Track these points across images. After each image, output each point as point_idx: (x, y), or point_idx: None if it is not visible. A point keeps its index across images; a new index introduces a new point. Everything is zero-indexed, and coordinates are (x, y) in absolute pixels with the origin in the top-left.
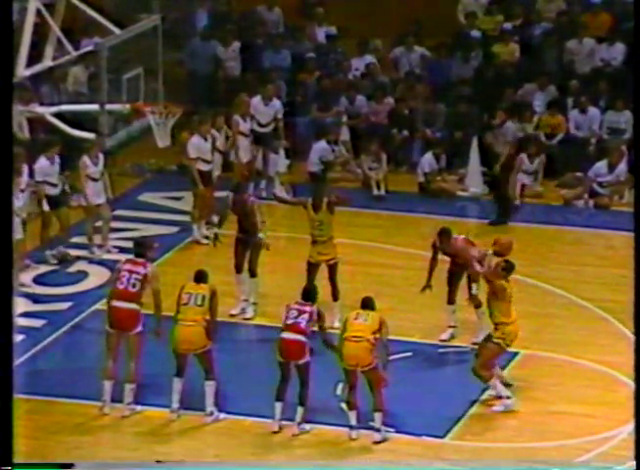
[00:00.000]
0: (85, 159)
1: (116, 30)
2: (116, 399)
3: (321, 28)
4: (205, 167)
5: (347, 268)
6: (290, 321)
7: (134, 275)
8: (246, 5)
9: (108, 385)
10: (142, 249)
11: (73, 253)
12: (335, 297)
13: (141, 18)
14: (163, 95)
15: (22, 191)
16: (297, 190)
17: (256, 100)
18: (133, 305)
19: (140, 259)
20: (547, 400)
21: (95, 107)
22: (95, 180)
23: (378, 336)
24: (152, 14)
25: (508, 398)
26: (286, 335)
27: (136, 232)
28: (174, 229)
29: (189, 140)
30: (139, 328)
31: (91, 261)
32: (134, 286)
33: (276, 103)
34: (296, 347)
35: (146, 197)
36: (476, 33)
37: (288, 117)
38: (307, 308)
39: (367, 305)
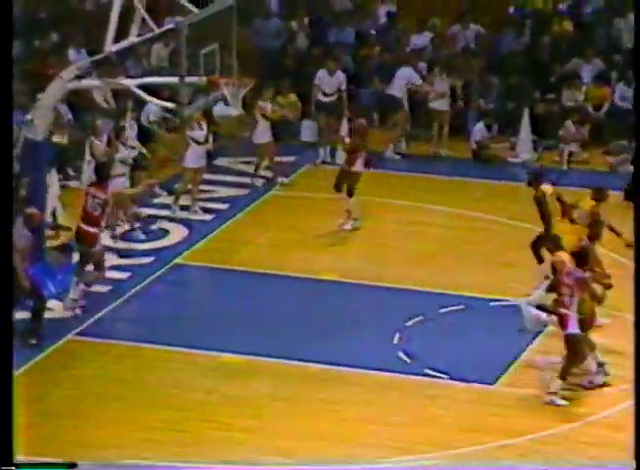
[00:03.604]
0: (192, 124)
1: (195, 10)
2: None
3: (383, 7)
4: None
5: (408, 229)
6: None
7: None
8: None
9: None
10: None
11: (155, 212)
12: None
13: None
14: (237, 68)
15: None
16: None
17: (322, 72)
18: None
19: None
20: None
21: (175, 79)
22: (199, 143)
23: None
24: None
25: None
26: None
27: (214, 194)
28: (245, 191)
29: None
30: None
31: (171, 220)
32: None
33: (340, 75)
34: None
35: (221, 161)
36: (528, 11)
37: (351, 89)
38: None
39: None
